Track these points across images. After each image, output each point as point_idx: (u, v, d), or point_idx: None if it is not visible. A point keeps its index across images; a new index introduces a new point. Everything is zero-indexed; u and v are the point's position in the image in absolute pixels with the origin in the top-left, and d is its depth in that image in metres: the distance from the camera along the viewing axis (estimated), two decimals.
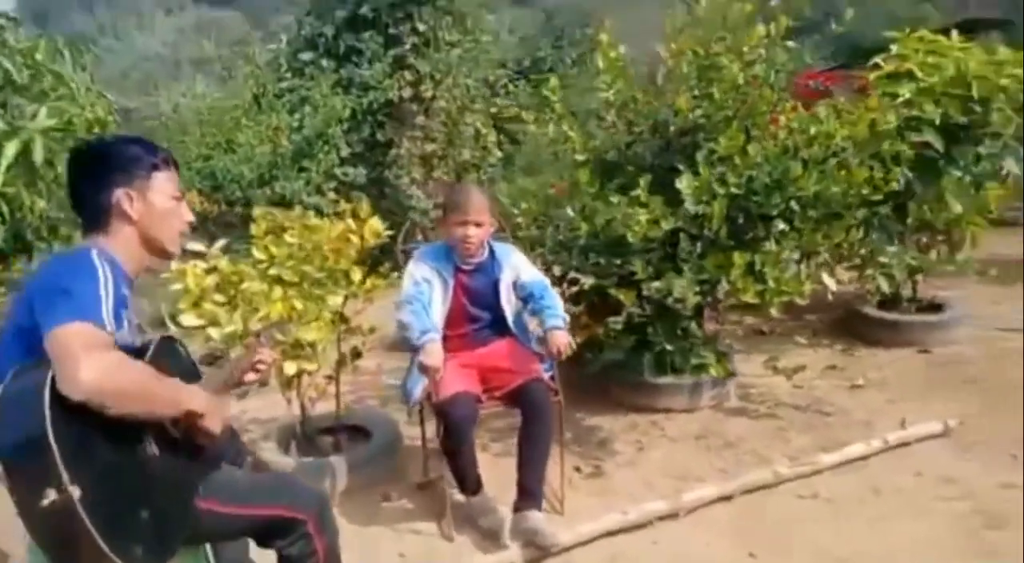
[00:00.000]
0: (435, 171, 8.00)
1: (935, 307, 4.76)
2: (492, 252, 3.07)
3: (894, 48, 4.16)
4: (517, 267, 3.08)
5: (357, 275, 3.39)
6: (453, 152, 8.01)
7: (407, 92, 7.67)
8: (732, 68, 3.07)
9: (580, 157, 3.59)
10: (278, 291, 3.18)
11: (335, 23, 7.91)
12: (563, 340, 2.82)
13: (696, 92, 3.24)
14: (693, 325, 3.47)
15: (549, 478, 2.95)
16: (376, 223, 3.45)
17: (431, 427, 3.03)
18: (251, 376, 2.03)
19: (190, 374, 1.85)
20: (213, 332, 2.96)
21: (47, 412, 1.42)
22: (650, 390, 3.80)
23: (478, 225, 2.94)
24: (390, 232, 3.52)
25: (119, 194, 1.76)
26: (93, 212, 1.77)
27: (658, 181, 3.35)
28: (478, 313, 3.07)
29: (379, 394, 4.36)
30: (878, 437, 3.32)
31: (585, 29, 9.83)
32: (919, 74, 3.85)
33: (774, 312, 3.19)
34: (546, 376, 2.94)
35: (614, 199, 3.19)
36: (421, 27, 7.69)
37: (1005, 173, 4.18)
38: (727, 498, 3.01)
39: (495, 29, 9.26)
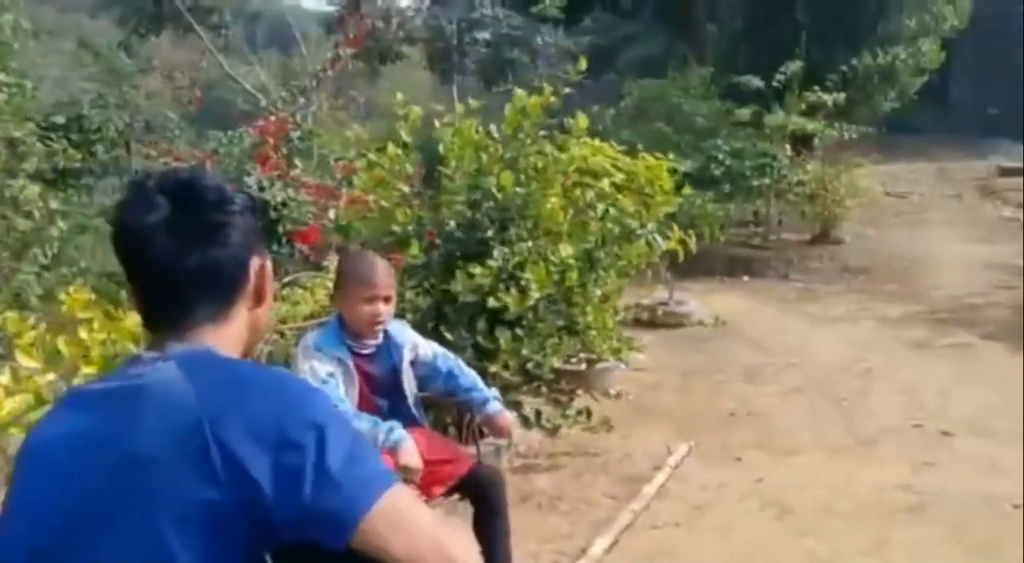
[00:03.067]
0: None
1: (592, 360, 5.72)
2: (385, 331, 2.76)
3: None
4: (415, 344, 2.83)
5: None
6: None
7: None
8: (573, 149, 3.43)
9: (396, 228, 3.47)
10: None
11: None
12: (510, 420, 2.74)
13: (520, 172, 3.49)
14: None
15: None
16: None
17: None
18: None
19: None
20: None
21: None
22: None
23: (387, 300, 2.63)
24: None
25: (259, 265, 1.17)
26: (212, 289, 1.12)
27: (471, 251, 3.49)
28: (380, 402, 2.72)
29: None
30: (665, 466, 3.96)
31: (133, 90, 8.65)
32: (611, 171, 4.78)
33: None
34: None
35: (476, 271, 3.20)
36: None
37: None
38: (615, 543, 3.24)
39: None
